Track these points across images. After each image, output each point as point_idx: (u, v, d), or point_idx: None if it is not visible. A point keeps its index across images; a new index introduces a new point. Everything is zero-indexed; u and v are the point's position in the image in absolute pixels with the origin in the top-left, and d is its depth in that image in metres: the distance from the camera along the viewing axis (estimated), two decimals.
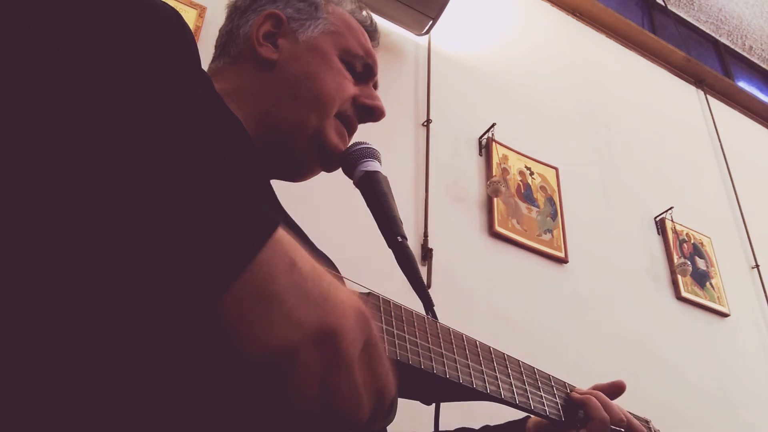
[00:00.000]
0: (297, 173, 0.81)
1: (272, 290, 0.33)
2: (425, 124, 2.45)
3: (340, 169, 0.82)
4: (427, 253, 2.06)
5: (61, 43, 0.34)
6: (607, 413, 0.77)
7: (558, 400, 0.76)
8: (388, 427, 0.55)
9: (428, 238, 2.11)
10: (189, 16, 2.06)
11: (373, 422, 0.38)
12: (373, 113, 0.81)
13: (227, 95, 0.72)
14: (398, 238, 0.75)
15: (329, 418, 0.34)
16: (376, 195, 0.78)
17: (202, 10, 2.09)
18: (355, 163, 0.80)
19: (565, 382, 0.80)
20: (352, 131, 0.81)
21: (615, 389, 0.85)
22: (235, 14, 0.82)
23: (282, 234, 0.36)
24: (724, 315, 2.86)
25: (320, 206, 1.83)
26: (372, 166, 0.79)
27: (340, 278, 0.54)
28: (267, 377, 0.33)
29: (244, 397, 0.35)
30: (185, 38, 0.44)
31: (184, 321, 0.33)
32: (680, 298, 2.75)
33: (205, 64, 0.78)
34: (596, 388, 0.83)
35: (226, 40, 0.81)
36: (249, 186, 0.37)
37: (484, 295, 2.15)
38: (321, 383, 0.33)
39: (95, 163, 0.32)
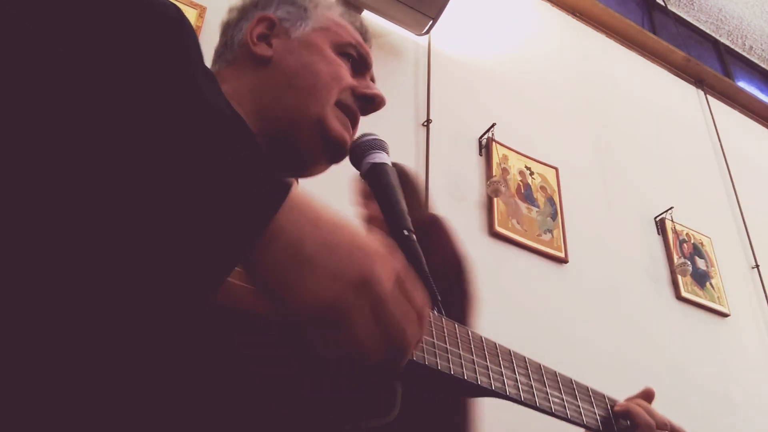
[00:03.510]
0: (303, 167, 0.81)
1: (304, 253, 0.37)
2: (425, 124, 2.45)
3: (348, 162, 0.82)
4: None
5: (62, 42, 0.35)
6: (652, 418, 0.80)
7: (597, 411, 0.76)
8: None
9: None
10: (189, 16, 2.06)
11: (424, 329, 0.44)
12: (373, 101, 0.81)
13: (227, 96, 0.72)
14: (404, 231, 0.74)
15: (393, 345, 0.40)
16: (382, 187, 0.77)
17: (202, 10, 2.09)
18: (362, 155, 0.79)
19: (604, 395, 0.80)
20: (354, 122, 0.82)
21: (647, 396, 0.88)
22: (228, 29, 0.85)
23: (296, 195, 0.39)
24: (724, 315, 2.86)
25: (327, 199, 1.83)
26: (379, 157, 0.79)
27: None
28: (327, 328, 0.38)
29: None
30: (187, 35, 0.44)
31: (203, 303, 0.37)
32: (680, 298, 2.75)
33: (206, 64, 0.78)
34: (629, 399, 0.85)
35: (222, 51, 0.83)
36: (256, 158, 0.39)
37: (483, 295, 2.15)
38: (375, 316, 0.39)
39: (104, 158, 0.33)
